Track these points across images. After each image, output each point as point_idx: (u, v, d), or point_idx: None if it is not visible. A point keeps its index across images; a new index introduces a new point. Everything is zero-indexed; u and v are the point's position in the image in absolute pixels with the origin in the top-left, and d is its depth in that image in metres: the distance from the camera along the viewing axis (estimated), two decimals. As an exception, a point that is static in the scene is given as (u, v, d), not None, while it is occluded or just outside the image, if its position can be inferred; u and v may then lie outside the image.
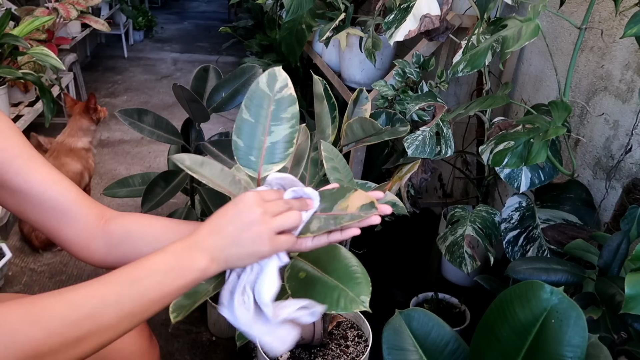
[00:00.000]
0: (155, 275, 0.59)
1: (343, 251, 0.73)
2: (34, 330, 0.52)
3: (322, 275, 0.70)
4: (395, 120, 1.36)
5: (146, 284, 0.58)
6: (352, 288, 0.67)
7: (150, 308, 0.59)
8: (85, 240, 0.72)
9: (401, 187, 1.46)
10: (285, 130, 0.72)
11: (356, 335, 1.08)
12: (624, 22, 1.20)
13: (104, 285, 0.57)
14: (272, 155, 0.72)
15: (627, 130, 1.21)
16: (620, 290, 0.86)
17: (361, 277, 0.68)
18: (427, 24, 1.30)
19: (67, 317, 0.54)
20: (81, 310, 0.55)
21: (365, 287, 0.67)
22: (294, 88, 0.74)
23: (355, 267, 0.70)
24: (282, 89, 0.73)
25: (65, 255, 2.04)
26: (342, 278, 0.68)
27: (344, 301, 0.65)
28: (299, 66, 2.89)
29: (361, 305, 0.65)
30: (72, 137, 2.15)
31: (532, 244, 1.21)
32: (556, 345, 0.67)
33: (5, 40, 2.01)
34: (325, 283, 0.69)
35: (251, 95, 0.73)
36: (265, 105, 0.72)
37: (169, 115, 2.36)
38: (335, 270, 0.70)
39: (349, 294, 0.66)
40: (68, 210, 0.71)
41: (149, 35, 5.70)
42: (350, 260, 0.71)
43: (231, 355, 1.62)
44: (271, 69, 0.74)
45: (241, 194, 0.65)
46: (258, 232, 0.62)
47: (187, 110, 1.39)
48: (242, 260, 0.63)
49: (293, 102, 0.73)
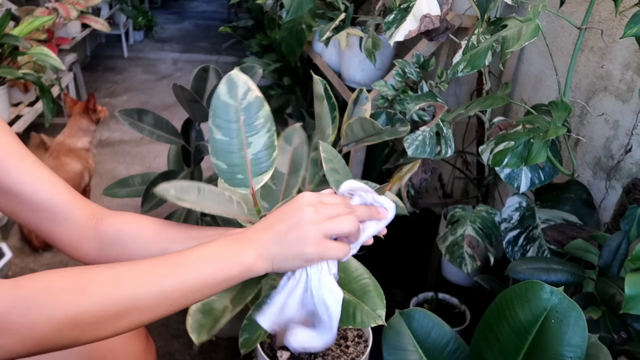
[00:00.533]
0: (200, 262, 0.58)
1: (353, 262, 0.72)
2: (79, 301, 0.53)
3: None
4: (395, 120, 1.36)
5: (190, 270, 0.57)
6: (367, 302, 0.65)
7: (189, 295, 0.58)
8: (78, 241, 0.72)
9: (401, 187, 1.46)
10: (263, 137, 0.68)
11: (356, 335, 1.08)
12: (624, 22, 1.20)
13: (151, 266, 0.58)
14: (258, 166, 0.68)
15: (627, 130, 1.21)
16: (620, 290, 0.86)
17: (374, 290, 0.67)
18: (427, 24, 1.30)
19: (111, 292, 0.55)
20: (125, 288, 0.55)
21: (379, 300, 0.66)
22: (292, 87, 0.73)
23: (367, 279, 0.68)
24: (247, 94, 0.67)
25: (65, 255, 2.04)
26: (356, 291, 0.67)
27: (360, 315, 0.64)
28: (299, 66, 2.89)
29: (378, 319, 0.63)
30: (71, 138, 2.15)
31: (532, 244, 1.21)
32: (556, 345, 0.67)
33: (5, 40, 2.01)
34: None
35: (215, 112, 0.66)
36: (234, 117, 0.67)
37: (169, 115, 2.36)
38: (348, 282, 0.68)
39: (364, 308, 0.65)
40: (60, 211, 0.70)
41: (149, 35, 5.69)
42: (362, 271, 0.70)
43: (231, 355, 1.62)
44: (227, 74, 0.67)
45: (301, 193, 0.61)
46: (304, 231, 0.58)
47: (187, 110, 1.39)
48: (287, 261, 0.59)
49: (262, 104, 0.67)
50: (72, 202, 0.71)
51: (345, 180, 0.88)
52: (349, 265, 0.70)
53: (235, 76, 0.66)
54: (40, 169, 0.70)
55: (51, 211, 0.70)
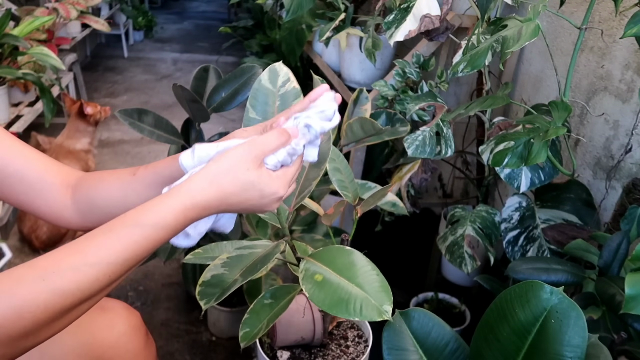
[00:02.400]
0: (149, 236, 0.56)
1: (359, 256, 0.72)
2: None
3: (340, 280, 0.69)
4: (395, 120, 1.36)
5: (138, 246, 0.56)
6: (374, 296, 0.65)
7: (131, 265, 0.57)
8: (59, 210, 0.71)
9: (401, 187, 1.47)
10: None
11: (356, 335, 1.08)
12: (624, 22, 1.20)
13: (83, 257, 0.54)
14: None
15: (627, 130, 1.21)
16: (620, 290, 0.87)
17: (382, 285, 0.67)
18: (427, 24, 1.30)
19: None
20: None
21: (386, 295, 0.66)
22: (296, 84, 0.74)
23: (375, 274, 0.69)
24: (285, 84, 0.73)
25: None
26: (363, 285, 0.67)
27: (366, 309, 0.64)
28: (299, 66, 2.89)
29: (384, 314, 0.64)
30: (70, 139, 2.15)
31: (532, 244, 1.21)
32: (556, 345, 0.67)
33: (5, 40, 2.01)
34: (346, 289, 0.68)
35: (255, 94, 0.72)
36: (271, 101, 0.72)
37: (169, 115, 2.35)
38: (355, 276, 0.69)
39: (371, 302, 0.65)
40: (35, 182, 0.69)
41: (149, 35, 5.69)
42: (369, 268, 0.70)
43: (231, 355, 1.62)
44: (272, 65, 0.74)
45: (268, 177, 0.61)
46: (255, 210, 0.63)
47: (187, 110, 1.39)
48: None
49: (298, 95, 0.73)
50: (46, 171, 0.70)
51: (348, 179, 0.88)
52: (356, 261, 0.71)
53: (279, 67, 0.73)
54: (11, 141, 0.69)
55: (27, 184, 0.69)
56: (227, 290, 0.70)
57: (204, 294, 0.71)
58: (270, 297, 0.88)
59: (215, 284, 0.71)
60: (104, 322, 0.86)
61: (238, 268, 0.72)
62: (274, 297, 0.88)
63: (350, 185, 0.93)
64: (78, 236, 0.60)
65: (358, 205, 0.95)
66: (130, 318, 0.89)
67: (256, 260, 0.73)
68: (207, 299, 0.70)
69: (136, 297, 1.85)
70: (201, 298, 0.71)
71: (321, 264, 0.72)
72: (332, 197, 1.72)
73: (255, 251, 0.76)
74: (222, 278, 0.71)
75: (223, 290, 0.71)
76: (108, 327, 0.86)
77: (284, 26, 2.24)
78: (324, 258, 0.73)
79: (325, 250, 0.75)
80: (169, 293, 1.87)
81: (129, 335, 0.88)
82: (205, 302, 0.70)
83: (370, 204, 0.92)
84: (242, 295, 1.42)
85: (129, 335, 0.88)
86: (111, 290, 0.57)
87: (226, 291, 0.70)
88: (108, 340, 0.84)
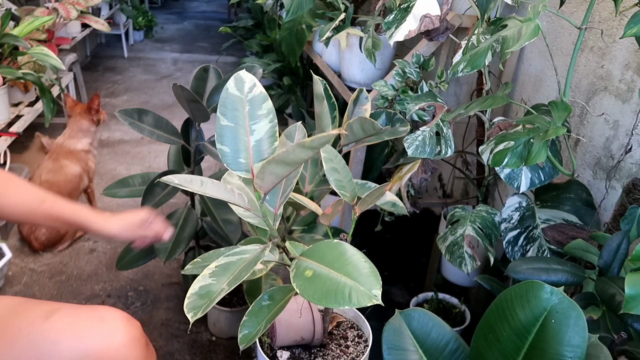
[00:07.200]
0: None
1: (348, 247, 0.73)
2: None
3: (329, 272, 0.70)
4: (395, 120, 1.36)
5: None
6: (363, 283, 0.66)
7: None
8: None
9: (401, 187, 1.46)
10: (266, 126, 0.75)
11: (356, 335, 1.08)
12: (624, 22, 1.20)
13: None
14: (259, 152, 0.75)
15: (627, 130, 1.21)
16: (620, 290, 0.86)
17: (370, 271, 0.68)
18: (427, 24, 1.30)
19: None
20: None
21: (375, 280, 0.66)
22: (292, 87, 0.75)
23: (363, 261, 0.69)
24: (252, 89, 0.75)
25: (65, 255, 2.04)
26: (351, 273, 0.68)
27: (356, 296, 0.65)
28: (299, 66, 2.89)
29: (373, 299, 0.64)
30: (71, 139, 2.14)
31: (532, 244, 1.21)
32: (556, 345, 0.67)
33: (5, 40, 2.01)
34: (335, 279, 0.68)
35: (224, 102, 0.75)
36: (240, 107, 0.75)
37: (169, 115, 2.35)
38: (343, 265, 0.70)
39: (360, 289, 0.65)
40: None
41: (149, 35, 5.69)
42: (356, 255, 0.71)
43: (231, 355, 1.62)
44: (236, 73, 0.76)
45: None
46: None
47: (187, 110, 1.39)
48: None
49: (265, 98, 0.76)
50: None
51: (346, 179, 0.88)
52: (345, 251, 0.71)
53: (243, 74, 0.75)
54: None
55: None
56: (213, 300, 0.70)
57: (192, 307, 0.70)
58: (269, 298, 0.88)
59: (203, 295, 0.71)
60: (104, 333, 0.85)
61: (225, 277, 0.72)
62: (272, 299, 0.88)
63: (348, 185, 0.93)
64: (78, 237, 0.61)
65: (357, 205, 0.95)
66: (130, 329, 0.88)
67: (241, 268, 0.74)
68: (194, 311, 0.70)
69: (136, 297, 1.85)
70: (189, 311, 0.70)
71: (312, 260, 0.73)
72: (333, 198, 1.72)
73: (244, 257, 0.76)
74: (210, 289, 0.72)
75: (210, 301, 0.70)
76: (108, 338, 0.85)
77: (284, 26, 2.24)
78: (315, 254, 0.74)
79: (315, 247, 0.76)
80: (169, 293, 1.87)
81: (129, 346, 0.87)
82: (192, 314, 0.69)
83: (368, 203, 0.92)
84: (242, 295, 1.42)
85: (129, 347, 0.87)
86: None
87: (212, 302, 0.70)
88: (108, 352, 0.83)
